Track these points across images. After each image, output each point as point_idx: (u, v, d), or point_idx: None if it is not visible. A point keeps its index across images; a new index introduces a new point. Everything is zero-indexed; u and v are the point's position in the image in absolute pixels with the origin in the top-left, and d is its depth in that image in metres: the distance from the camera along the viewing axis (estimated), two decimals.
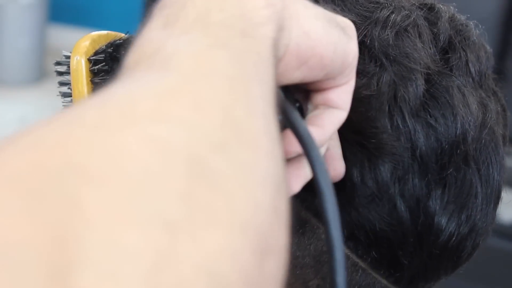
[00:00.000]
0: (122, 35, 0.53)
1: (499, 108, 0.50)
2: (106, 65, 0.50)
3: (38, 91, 3.67)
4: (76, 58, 0.50)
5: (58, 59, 0.52)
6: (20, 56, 3.68)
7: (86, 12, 4.10)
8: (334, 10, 0.47)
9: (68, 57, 0.51)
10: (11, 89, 3.65)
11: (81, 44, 0.51)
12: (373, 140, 0.44)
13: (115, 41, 0.51)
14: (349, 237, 0.46)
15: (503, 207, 0.51)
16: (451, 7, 0.51)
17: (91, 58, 0.50)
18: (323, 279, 0.48)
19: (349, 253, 0.46)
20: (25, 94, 3.62)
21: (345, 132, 0.43)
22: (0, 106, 3.48)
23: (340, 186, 0.45)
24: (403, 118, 0.44)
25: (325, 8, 0.47)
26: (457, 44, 0.48)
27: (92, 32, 0.52)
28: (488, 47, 0.51)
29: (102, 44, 0.51)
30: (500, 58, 2.40)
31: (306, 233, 0.47)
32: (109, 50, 0.50)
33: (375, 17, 0.47)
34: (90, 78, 0.50)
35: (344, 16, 0.46)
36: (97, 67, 0.50)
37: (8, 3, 3.59)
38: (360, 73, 0.45)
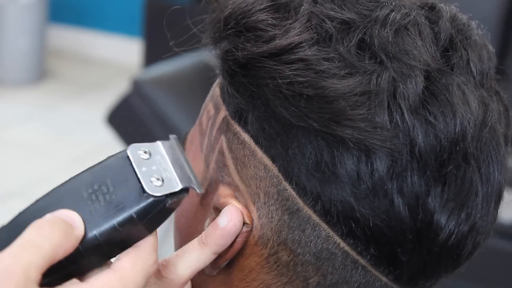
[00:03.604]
0: None
1: (501, 108, 0.50)
2: None
3: (38, 91, 3.67)
4: None
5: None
6: (20, 56, 3.68)
7: (86, 12, 4.10)
8: (334, 10, 0.47)
9: None
10: (11, 89, 3.65)
11: None
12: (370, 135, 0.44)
13: None
14: (348, 234, 0.46)
15: (503, 207, 0.51)
16: (453, 7, 0.51)
17: None
18: (324, 276, 0.48)
19: (349, 250, 0.47)
20: (25, 94, 3.62)
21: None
22: (0, 106, 3.48)
23: (337, 179, 0.45)
24: (402, 114, 0.44)
25: (324, 7, 0.47)
26: (458, 43, 0.48)
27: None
28: (490, 47, 0.51)
29: None
30: (500, 57, 2.40)
31: (306, 230, 0.47)
32: None
33: (375, 15, 0.47)
34: None
35: (343, 14, 0.46)
36: None
37: (8, 3, 3.59)
38: (360, 70, 0.45)
